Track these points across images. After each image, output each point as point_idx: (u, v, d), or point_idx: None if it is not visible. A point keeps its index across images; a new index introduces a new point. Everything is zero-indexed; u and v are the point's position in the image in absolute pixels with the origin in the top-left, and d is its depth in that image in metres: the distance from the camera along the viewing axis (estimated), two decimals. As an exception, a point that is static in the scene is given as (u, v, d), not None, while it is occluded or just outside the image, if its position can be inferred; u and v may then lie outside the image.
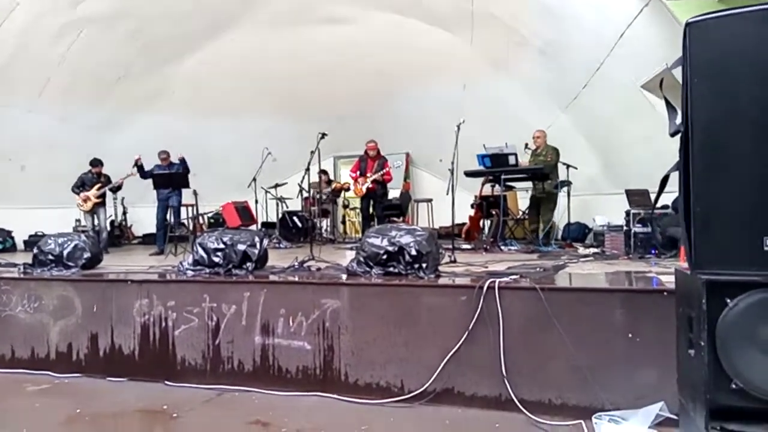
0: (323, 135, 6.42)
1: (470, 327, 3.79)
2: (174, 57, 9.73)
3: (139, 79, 9.71)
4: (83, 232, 8.71)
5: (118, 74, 9.40)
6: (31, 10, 7.19)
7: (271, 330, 4.35)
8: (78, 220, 9.37)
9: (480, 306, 3.78)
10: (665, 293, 3.57)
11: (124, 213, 11.03)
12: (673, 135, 2.50)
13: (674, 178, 5.80)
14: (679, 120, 2.43)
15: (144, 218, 9.50)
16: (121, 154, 9.55)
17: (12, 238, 9.29)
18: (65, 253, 5.51)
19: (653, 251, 5.81)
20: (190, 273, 4.99)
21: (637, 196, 6.27)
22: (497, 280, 3.87)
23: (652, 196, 6.34)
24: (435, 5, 7.97)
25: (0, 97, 8.32)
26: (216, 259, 5.01)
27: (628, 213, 6.07)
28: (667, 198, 6.31)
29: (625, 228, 6.07)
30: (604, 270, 4.84)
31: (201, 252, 5.09)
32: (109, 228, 9.95)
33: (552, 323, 3.66)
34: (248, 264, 4.97)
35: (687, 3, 4.31)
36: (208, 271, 4.96)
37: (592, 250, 6.54)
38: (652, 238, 5.79)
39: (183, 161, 8.31)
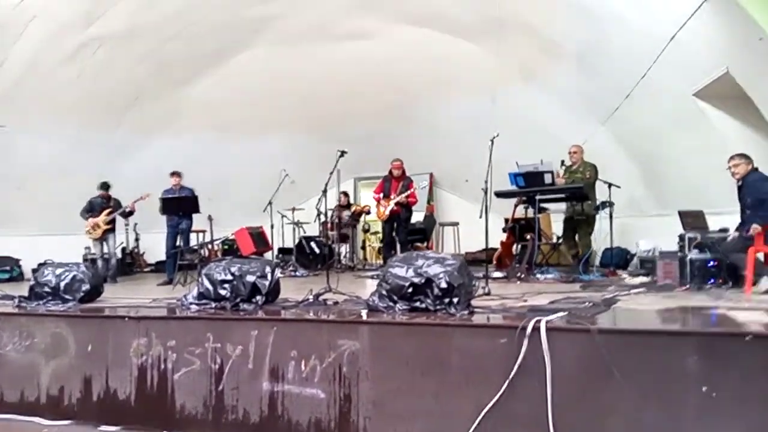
0: (342, 153, 5.96)
1: (511, 375, 3.23)
2: (189, 77, 9.42)
3: (154, 101, 9.42)
4: (93, 260, 8.39)
5: (132, 96, 9.11)
6: (45, 28, 6.92)
7: (280, 375, 3.83)
8: (88, 248, 9.01)
9: (523, 350, 3.21)
10: (749, 337, 2.96)
11: (137, 239, 10.67)
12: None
13: (732, 198, 5.23)
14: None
15: (157, 245, 9.08)
16: (135, 179, 9.26)
17: (19, 266, 8.96)
18: (62, 285, 5.10)
19: (712, 281, 5.15)
20: (194, 308, 4.53)
21: (691, 218, 5.63)
22: (543, 319, 3.29)
23: (708, 218, 5.71)
24: (458, 15, 7.49)
25: (11, 120, 8.05)
26: (223, 292, 4.54)
27: (682, 237, 5.43)
28: (721, 220, 5.67)
29: (679, 254, 5.41)
30: (664, 305, 4.21)
31: (207, 284, 4.63)
32: (119, 255, 9.61)
33: (610, 372, 3.07)
34: (258, 297, 4.49)
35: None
36: (213, 305, 4.50)
37: (641, 279, 5.88)
38: (711, 265, 5.13)
39: (192, 191, 7.90)
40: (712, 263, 5.16)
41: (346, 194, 10.66)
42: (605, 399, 3.11)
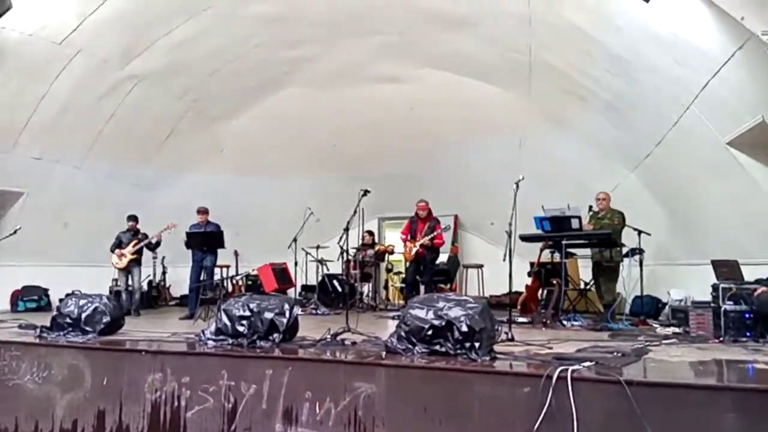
0: (366, 192, 5.96)
1: (536, 427, 3.05)
2: (223, 115, 9.68)
3: (187, 137, 9.66)
4: (117, 292, 8.46)
5: (166, 132, 9.36)
6: (85, 63, 7.20)
7: (294, 417, 3.72)
8: (115, 279, 9.10)
9: (549, 400, 3.05)
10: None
11: (164, 273, 10.77)
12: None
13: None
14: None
15: (183, 279, 9.13)
16: (165, 214, 9.39)
17: (47, 296, 9.07)
18: (84, 316, 5.12)
19: (748, 334, 4.89)
20: (210, 343, 4.47)
21: (726, 268, 5.41)
22: (569, 368, 3.14)
23: (743, 269, 5.48)
24: (487, 59, 7.54)
25: (50, 152, 8.31)
26: (240, 329, 4.49)
27: (716, 287, 5.20)
28: (756, 270, 5.44)
29: (713, 305, 5.18)
30: (698, 357, 3.99)
31: (225, 319, 4.59)
32: (145, 288, 9.68)
33: (641, 427, 2.88)
34: (275, 335, 4.43)
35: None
36: (230, 341, 4.43)
37: (673, 329, 5.62)
38: (747, 317, 4.88)
39: (218, 227, 7.97)
40: (747, 315, 4.92)
41: (370, 233, 10.62)
42: (636, 457, 2.92)
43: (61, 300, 8.28)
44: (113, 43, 7.15)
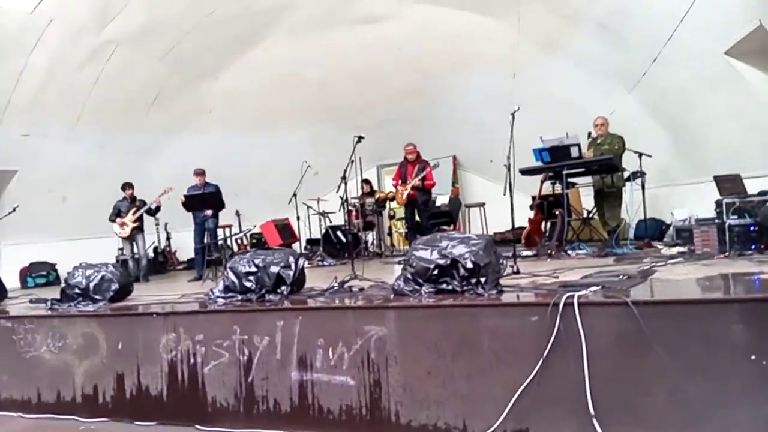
0: (359, 138, 5.86)
1: (545, 354, 3.10)
2: (207, 73, 9.46)
3: (174, 99, 9.49)
4: (124, 261, 8.51)
5: (153, 95, 9.17)
6: (61, 32, 6.97)
7: (309, 364, 3.78)
8: (121, 249, 9.15)
9: (557, 327, 3.09)
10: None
11: (168, 238, 10.80)
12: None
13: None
14: None
15: (188, 243, 9.15)
16: (161, 178, 9.33)
17: (56, 271, 9.16)
18: (92, 285, 5.15)
19: (754, 246, 4.90)
20: (220, 301, 4.50)
21: (728, 183, 5.35)
22: (575, 294, 3.16)
23: (746, 182, 5.43)
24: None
25: (37, 128, 8.18)
26: (248, 284, 4.51)
27: (719, 203, 5.16)
28: (759, 183, 5.39)
29: (717, 221, 5.16)
30: (704, 273, 4.00)
31: (232, 277, 4.60)
32: (151, 254, 9.73)
33: (650, 345, 2.93)
34: (283, 288, 4.44)
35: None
36: (240, 297, 4.47)
37: (678, 249, 5.63)
38: (752, 230, 4.88)
39: (217, 188, 7.91)
40: (752, 228, 4.91)
41: (367, 182, 10.55)
42: (646, 374, 2.96)
43: (68, 273, 8.38)
44: (86, 8, 6.93)
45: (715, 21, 5.09)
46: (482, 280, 3.67)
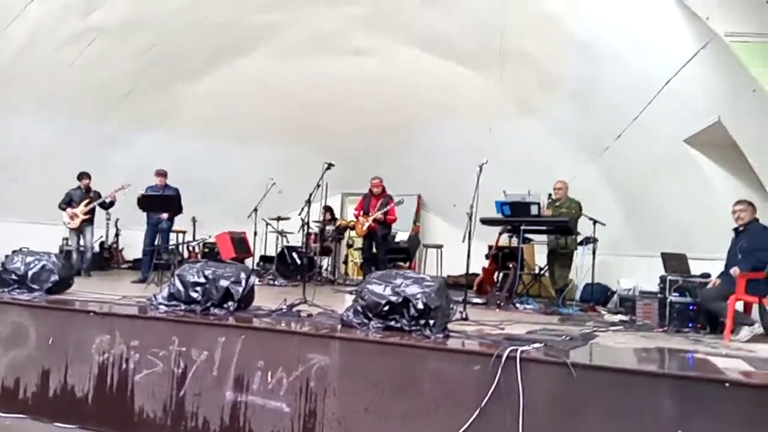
0: (329, 165, 5.90)
1: (483, 404, 3.14)
2: (187, 75, 9.34)
3: (149, 95, 9.30)
4: (68, 252, 8.19)
5: (128, 88, 9.00)
6: (43, 10, 6.81)
7: (245, 385, 3.70)
8: (66, 239, 8.80)
9: (497, 379, 3.13)
10: (727, 384, 2.91)
11: (117, 235, 10.47)
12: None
13: (717, 244, 5.22)
14: None
15: (137, 242, 8.88)
16: (123, 173, 9.09)
17: (-6, 252, 8.72)
18: (30, 273, 4.96)
19: (691, 324, 5.12)
20: (162, 308, 4.38)
21: (674, 261, 5.61)
22: (519, 349, 3.22)
23: (691, 263, 5.69)
24: (463, 42, 7.51)
25: (4, 103, 7.88)
26: (194, 295, 4.42)
27: (663, 279, 5.40)
28: (703, 265, 5.66)
29: (659, 295, 5.38)
30: (641, 344, 4.16)
31: (178, 285, 4.50)
32: (97, 249, 9.40)
33: (584, 408, 3.00)
34: (230, 303, 4.37)
35: (754, 46, 3.79)
36: (183, 307, 4.36)
37: (621, 317, 5.83)
38: (691, 309, 5.10)
39: (177, 191, 7.76)
40: (691, 307, 5.14)
41: (328, 209, 10.55)
42: (577, 435, 3.03)
43: (6, 256, 8.00)
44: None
45: (678, 109, 5.40)
46: (431, 322, 3.71)
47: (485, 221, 6.83)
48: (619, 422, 2.96)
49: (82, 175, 8.10)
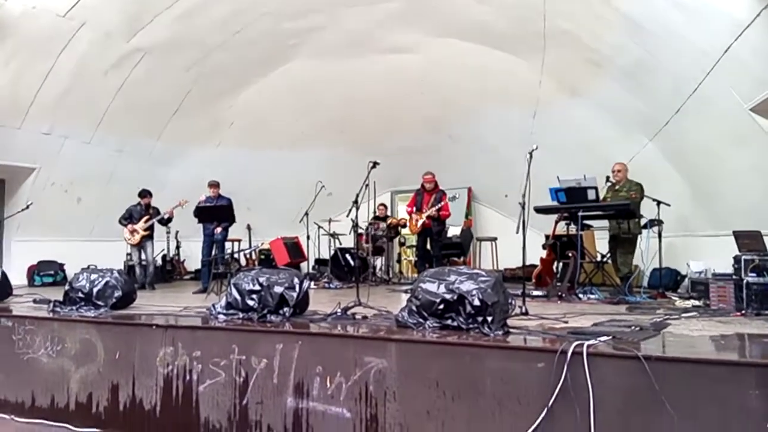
0: (375, 164, 5.84)
1: (550, 404, 2.99)
2: (232, 88, 9.54)
3: (196, 111, 9.55)
4: (131, 267, 8.50)
5: (175, 105, 9.26)
6: (91, 36, 7.09)
7: (305, 391, 3.68)
8: (129, 254, 9.16)
9: (564, 376, 2.97)
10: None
11: (178, 247, 10.82)
12: None
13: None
14: None
15: (197, 253, 9.17)
16: (177, 187, 9.40)
17: (63, 271, 9.17)
18: (95, 290, 5.13)
19: (772, 307, 4.75)
20: (221, 317, 4.45)
21: (748, 239, 5.23)
22: (585, 343, 3.05)
23: (766, 240, 5.30)
24: (501, 28, 7.29)
25: (59, 127, 8.28)
26: (250, 303, 4.46)
27: (738, 259, 5.03)
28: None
29: (734, 277, 5.03)
30: (719, 331, 3.88)
31: (235, 293, 4.56)
32: (159, 262, 9.73)
33: (661, 404, 2.80)
34: (285, 309, 4.39)
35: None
36: (241, 315, 4.41)
37: (693, 302, 5.49)
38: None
39: (230, 201, 7.91)
40: (772, 288, 4.77)
41: (384, 205, 10.54)
42: (655, 433, 2.84)
43: (75, 275, 8.39)
44: (118, 15, 7.03)
45: (741, 76, 5.01)
46: (489, 319, 3.58)
47: (540, 210, 6.60)
48: (699, 418, 2.75)
49: (145, 193, 8.38)
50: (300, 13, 7.80)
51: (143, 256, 8.37)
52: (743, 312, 4.72)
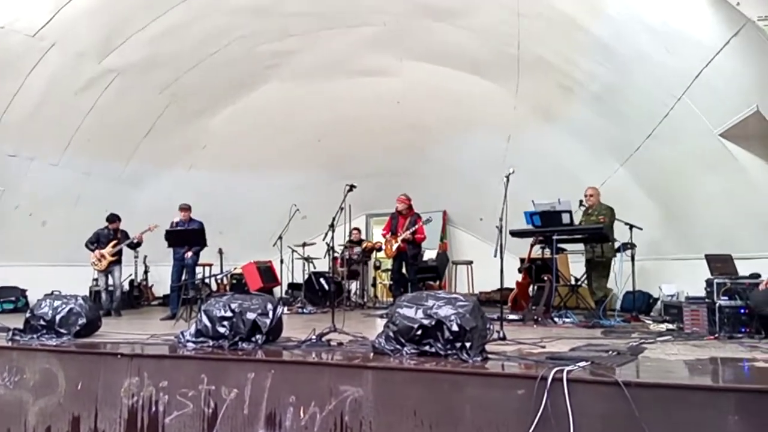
0: (351, 187, 5.79)
1: (531, 431, 2.89)
2: (204, 110, 9.41)
3: (168, 133, 9.38)
4: (97, 293, 8.22)
5: (147, 127, 9.08)
6: (61, 57, 6.92)
7: (277, 422, 3.54)
8: (96, 279, 8.85)
9: (543, 404, 2.91)
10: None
11: (146, 272, 10.52)
12: None
13: (762, 240, 4.91)
14: None
15: (166, 278, 8.92)
16: (146, 211, 9.16)
17: (25, 297, 8.81)
18: (58, 318, 4.91)
19: (743, 330, 4.81)
20: (190, 345, 4.29)
21: (720, 263, 5.30)
22: (564, 369, 3.00)
23: (737, 263, 5.38)
24: (477, 53, 7.37)
25: (24, 149, 8.02)
26: (221, 330, 4.31)
27: (710, 283, 5.10)
28: (750, 265, 5.34)
29: (707, 300, 5.08)
30: (695, 355, 3.88)
31: (205, 320, 4.40)
32: (126, 287, 9.44)
33: (641, 431, 2.75)
34: (258, 336, 4.25)
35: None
36: (211, 343, 4.25)
37: (667, 325, 5.53)
38: (742, 313, 4.80)
39: (201, 225, 7.73)
40: (743, 311, 4.84)
41: (358, 230, 10.47)
42: (636, 461, 2.78)
43: (35, 302, 8.06)
44: (90, 36, 6.88)
45: (712, 102, 5.12)
46: (467, 345, 3.52)
47: (515, 233, 6.62)
48: (681, 444, 2.71)
49: (113, 218, 8.15)
50: (276, 36, 7.78)
51: (110, 281, 8.10)
52: (716, 335, 4.76)
